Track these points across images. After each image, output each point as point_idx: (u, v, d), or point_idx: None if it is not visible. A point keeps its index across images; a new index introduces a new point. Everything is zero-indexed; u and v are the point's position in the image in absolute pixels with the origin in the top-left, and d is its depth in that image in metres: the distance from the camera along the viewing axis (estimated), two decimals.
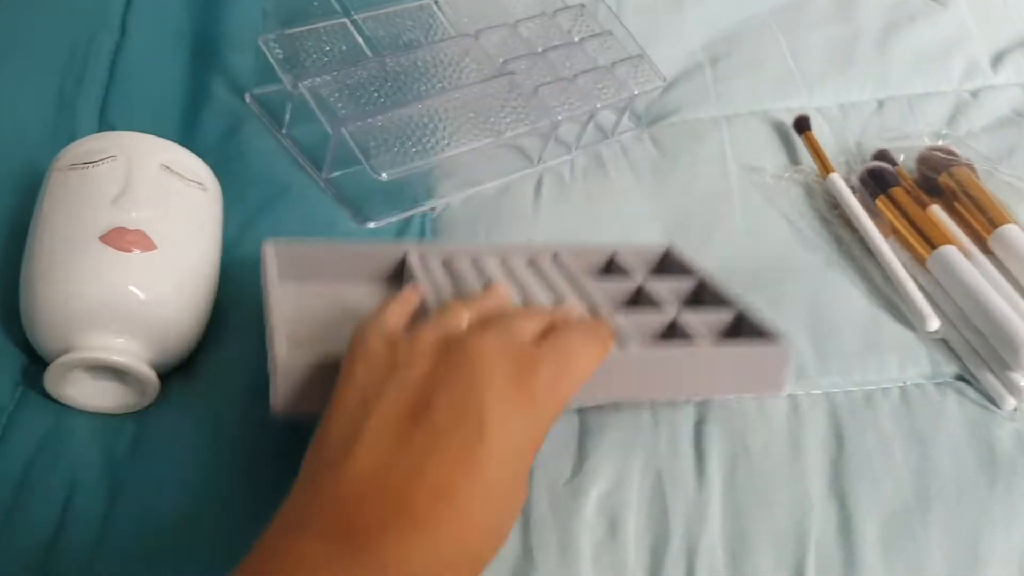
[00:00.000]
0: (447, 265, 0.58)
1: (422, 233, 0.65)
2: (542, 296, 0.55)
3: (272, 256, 0.55)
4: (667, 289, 0.57)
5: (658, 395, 0.51)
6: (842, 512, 0.50)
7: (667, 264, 0.62)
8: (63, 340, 0.51)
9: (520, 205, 0.67)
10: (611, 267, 0.61)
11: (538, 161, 0.70)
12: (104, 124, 0.69)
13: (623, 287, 0.58)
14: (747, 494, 0.51)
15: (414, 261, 0.57)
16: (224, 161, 0.65)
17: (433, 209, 0.67)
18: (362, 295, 0.58)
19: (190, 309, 0.54)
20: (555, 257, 0.60)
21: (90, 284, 0.50)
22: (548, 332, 0.45)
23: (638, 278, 0.58)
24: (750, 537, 0.49)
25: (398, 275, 0.59)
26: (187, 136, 0.69)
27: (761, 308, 0.59)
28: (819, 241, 0.65)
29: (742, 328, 0.55)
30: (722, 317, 0.55)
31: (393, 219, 0.66)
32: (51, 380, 0.51)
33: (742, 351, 0.52)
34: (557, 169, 0.70)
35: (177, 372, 0.55)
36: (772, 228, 0.66)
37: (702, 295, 0.58)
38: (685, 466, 0.52)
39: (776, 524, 0.50)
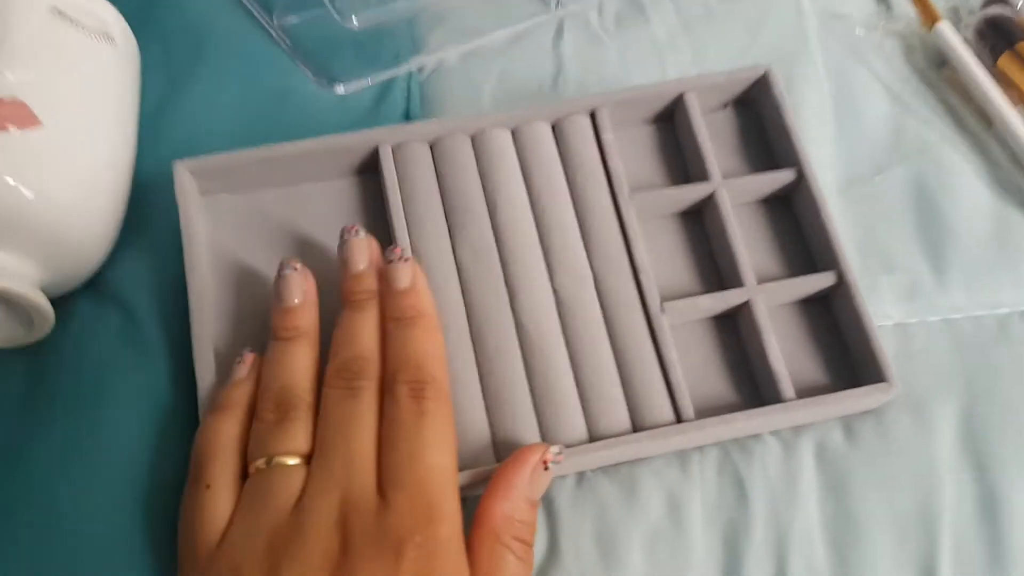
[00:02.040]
0: (437, 150, 0.44)
1: (408, 101, 0.51)
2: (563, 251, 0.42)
3: (189, 182, 0.43)
4: (747, 193, 0.45)
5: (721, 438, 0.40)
6: (981, 482, 0.39)
7: (756, 97, 0.48)
8: None
9: (536, 62, 0.52)
10: (676, 115, 0.47)
11: (556, 5, 0.55)
12: None
13: (682, 198, 0.44)
14: (851, 463, 0.39)
15: (386, 157, 0.44)
16: (144, 2, 0.51)
17: (421, 69, 0.52)
18: (326, 194, 0.45)
19: (93, 209, 0.41)
20: (593, 117, 0.45)
21: None
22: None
23: (710, 164, 0.44)
24: (860, 521, 0.38)
25: (372, 166, 0.45)
26: None
27: (855, 202, 0.46)
28: (925, 112, 0.50)
29: (836, 300, 0.42)
30: (810, 285, 0.42)
31: (368, 82, 0.51)
32: None
33: (834, 398, 0.39)
34: (582, 15, 0.54)
35: (82, 293, 0.43)
36: (864, 95, 0.51)
37: (795, 197, 0.45)
38: None
39: (894, 502, 0.38)
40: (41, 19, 0.41)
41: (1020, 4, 0.55)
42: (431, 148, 0.44)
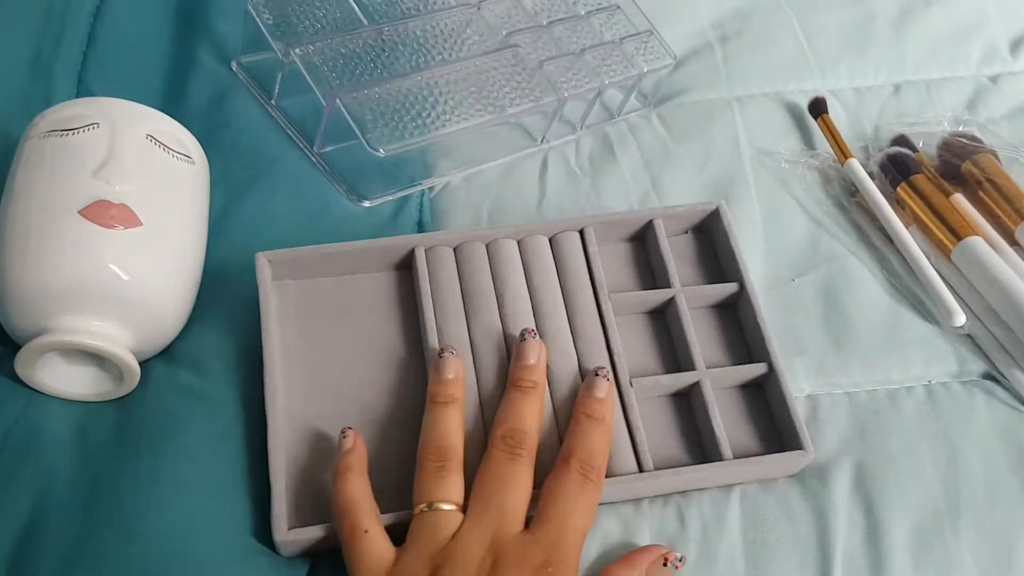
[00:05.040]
0: (459, 253, 0.55)
1: (420, 213, 0.62)
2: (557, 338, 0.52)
3: (266, 267, 0.52)
4: (701, 298, 0.54)
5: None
6: (869, 518, 0.48)
7: (710, 226, 0.58)
8: (36, 321, 0.47)
9: (524, 186, 0.64)
10: (647, 235, 0.57)
11: (541, 140, 0.67)
12: (83, 90, 0.65)
13: (650, 300, 0.54)
14: (767, 500, 0.49)
15: (420, 258, 0.54)
16: (209, 132, 0.61)
17: (431, 188, 0.63)
18: (370, 284, 0.55)
19: (175, 291, 0.50)
20: (582, 234, 0.56)
21: (68, 261, 0.46)
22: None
23: (672, 275, 0.54)
24: (772, 546, 0.47)
25: (407, 264, 0.55)
26: (171, 105, 0.65)
27: (778, 299, 0.57)
28: (836, 230, 0.62)
29: (767, 384, 0.52)
30: (748, 372, 0.52)
31: (389, 198, 0.62)
32: (22, 364, 0.47)
33: (764, 459, 0.49)
34: (562, 149, 0.66)
35: (159, 358, 0.52)
36: (787, 215, 0.63)
37: (738, 303, 0.55)
38: None
39: (799, 532, 0.47)
40: (140, 144, 0.51)
41: (921, 144, 0.67)
42: (454, 251, 0.54)
